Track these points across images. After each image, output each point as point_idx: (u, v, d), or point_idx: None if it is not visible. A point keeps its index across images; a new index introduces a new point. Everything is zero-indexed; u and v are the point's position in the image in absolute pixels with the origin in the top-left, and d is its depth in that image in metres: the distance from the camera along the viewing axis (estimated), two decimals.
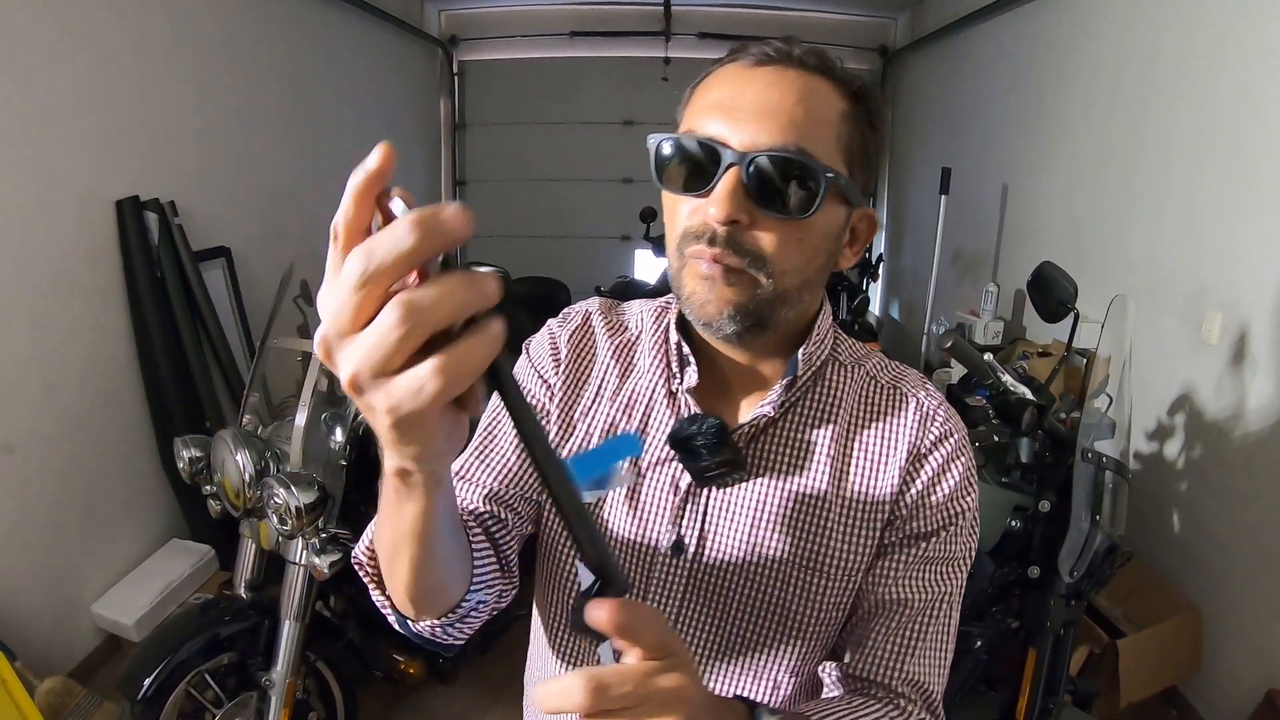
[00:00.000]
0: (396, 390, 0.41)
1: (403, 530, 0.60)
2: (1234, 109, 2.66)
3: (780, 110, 0.77)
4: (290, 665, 2.08)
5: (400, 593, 0.72)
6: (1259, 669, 2.50)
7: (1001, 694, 2.21)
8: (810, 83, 0.80)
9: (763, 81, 0.79)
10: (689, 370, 0.90)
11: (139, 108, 2.99)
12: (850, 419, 0.91)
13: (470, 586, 0.78)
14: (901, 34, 6.59)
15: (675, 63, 6.60)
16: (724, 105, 0.78)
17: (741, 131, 0.76)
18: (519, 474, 0.92)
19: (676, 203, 0.82)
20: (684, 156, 0.80)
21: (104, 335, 2.89)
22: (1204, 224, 2.81)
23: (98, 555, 2.90)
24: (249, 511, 2.08)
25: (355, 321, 0.40)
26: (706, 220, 0.77)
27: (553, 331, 0.99)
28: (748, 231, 0.77)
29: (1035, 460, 2.15)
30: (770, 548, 0.88)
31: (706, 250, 0.78)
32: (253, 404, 2.30)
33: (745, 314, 0.80)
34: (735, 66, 0.82)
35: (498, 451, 0.92)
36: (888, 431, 0.91)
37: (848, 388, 0.93)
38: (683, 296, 0.83)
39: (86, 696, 2.47)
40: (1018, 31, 4.38)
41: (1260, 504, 2.53)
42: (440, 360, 0.40)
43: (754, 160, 0.75)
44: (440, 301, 0.39)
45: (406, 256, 0.38)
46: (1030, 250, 3.95)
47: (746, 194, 0.76)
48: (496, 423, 0.94)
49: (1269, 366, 2.51)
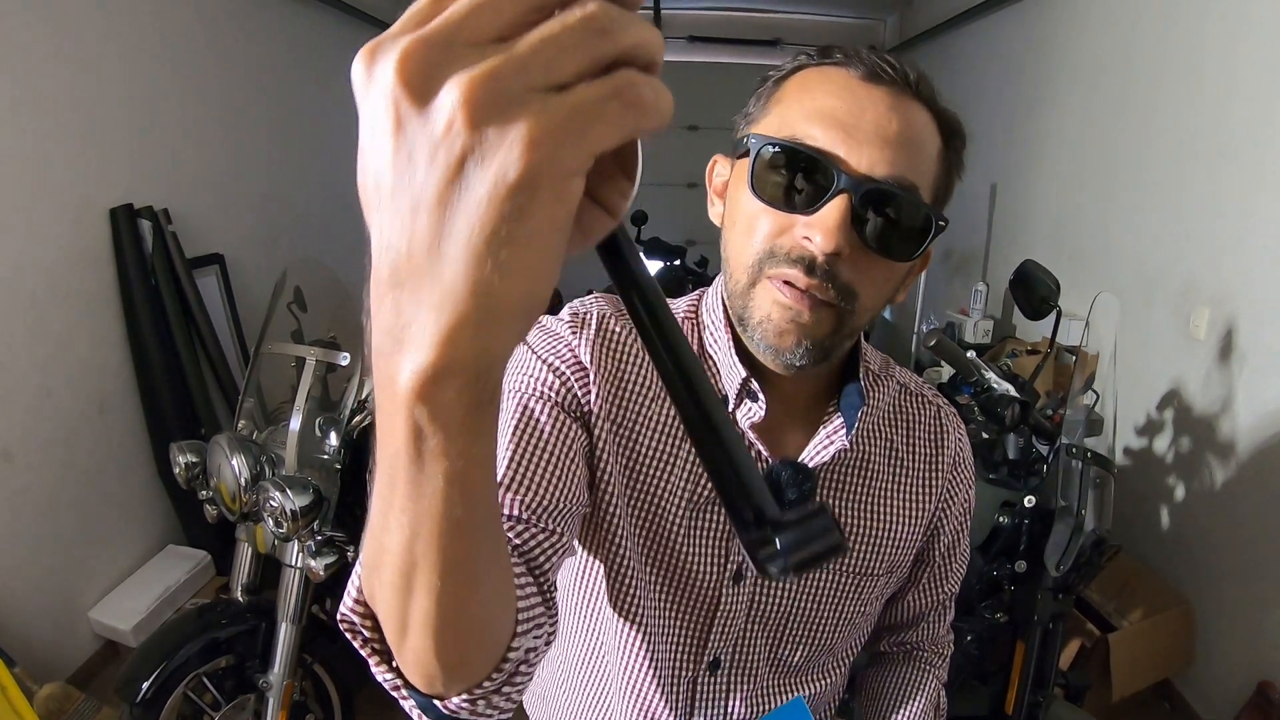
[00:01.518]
0: (580, 92, 0.27)
1: (426, 518, 0.38)
2: (1220, 107, 2.68)
3: (901, 139, 0.71)
4: (287, 668, 2.09)
5: (422, 648, 0.48)
6: (1250, 661, 2.52)
7: (992, 687, 2.22)
8: (923, 115, 0.75)
9: (884, 103, 0.71)
10: (754, 406, 0.82)
11: (132, 115, 3.01)
12: (895, 433, 0.92)
13: (517, 628, 0.56)
14: (890, 35, 6.60)
15: (665, 65, 6.60)
16: (839, 118, 0.71)
17: (859, 154, 0.69)
18: (565, 480, 0.76)
19: (760, 214, 0.73)
20: (789, 166, 0.71)
21: (99, 342, 2.91)
22: (1192, 220, 2.83)
23: (95, 561, 2.91)
24: (245, 515, 2.10)
25: (496, 27, 0.27)
26: (803, 245, 0.70)
27: (565, 339, 0.84)
28: (844, 264, 0.71)
29: (1022, 456, 2.17)
30: (830, 567, 0.88)
31: (802, 278, 0.71)
32: (248, 409, 2.31)
33: (821, 347, 0.75)
34: (845, 75, 0.73)
35: (539, 456, 0.76)
36: (929, 440, 0.94)
37: (886, 401, 0.93)
38: (751, 320, 0.76)
39: (85, 702, 2.47)
40: (1005, 32, 4.40)
41: (1250, 497, 2.55)
42: (624, 77, 0.28)
43: (870, 189, 0.69)
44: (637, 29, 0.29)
45: (644, 42, 0.29)
46: (1019, 249, 3.97)
47: (853, 224, 0.69)
48: (532, 427, 0.78)
49: (1256, 361, 2.53)
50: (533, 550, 0.70)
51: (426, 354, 0.30)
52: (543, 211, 0.28)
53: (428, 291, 0.29)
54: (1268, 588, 2.47)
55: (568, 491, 0.75)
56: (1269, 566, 2.47)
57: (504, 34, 0.27)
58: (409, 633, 0.47)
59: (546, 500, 0.73)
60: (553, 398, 0.80)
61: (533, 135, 0.26)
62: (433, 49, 0.27)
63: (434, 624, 0.45)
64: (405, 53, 0.27)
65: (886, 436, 0.91)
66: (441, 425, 0.33)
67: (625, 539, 0.84)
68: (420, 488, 0.36)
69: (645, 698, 0.90)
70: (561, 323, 0.86)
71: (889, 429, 0.92)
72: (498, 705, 0.56)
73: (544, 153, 0.27)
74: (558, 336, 0.84)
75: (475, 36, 0.27)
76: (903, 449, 0.92)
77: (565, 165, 0.28)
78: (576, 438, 0.79)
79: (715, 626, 0.87)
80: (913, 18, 6.00)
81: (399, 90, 0.27)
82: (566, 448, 0.77)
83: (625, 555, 0.84)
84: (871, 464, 0.90)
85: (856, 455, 0.89)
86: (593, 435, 0.82)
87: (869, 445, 0.90)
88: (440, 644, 0.47)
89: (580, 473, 0.78)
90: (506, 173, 0.27)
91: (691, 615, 0.87)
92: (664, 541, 0.84)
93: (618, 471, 0.83)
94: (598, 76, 0.28)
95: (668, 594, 0.87)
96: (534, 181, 0.27)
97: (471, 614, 0.47)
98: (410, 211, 0.28)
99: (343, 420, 2.15)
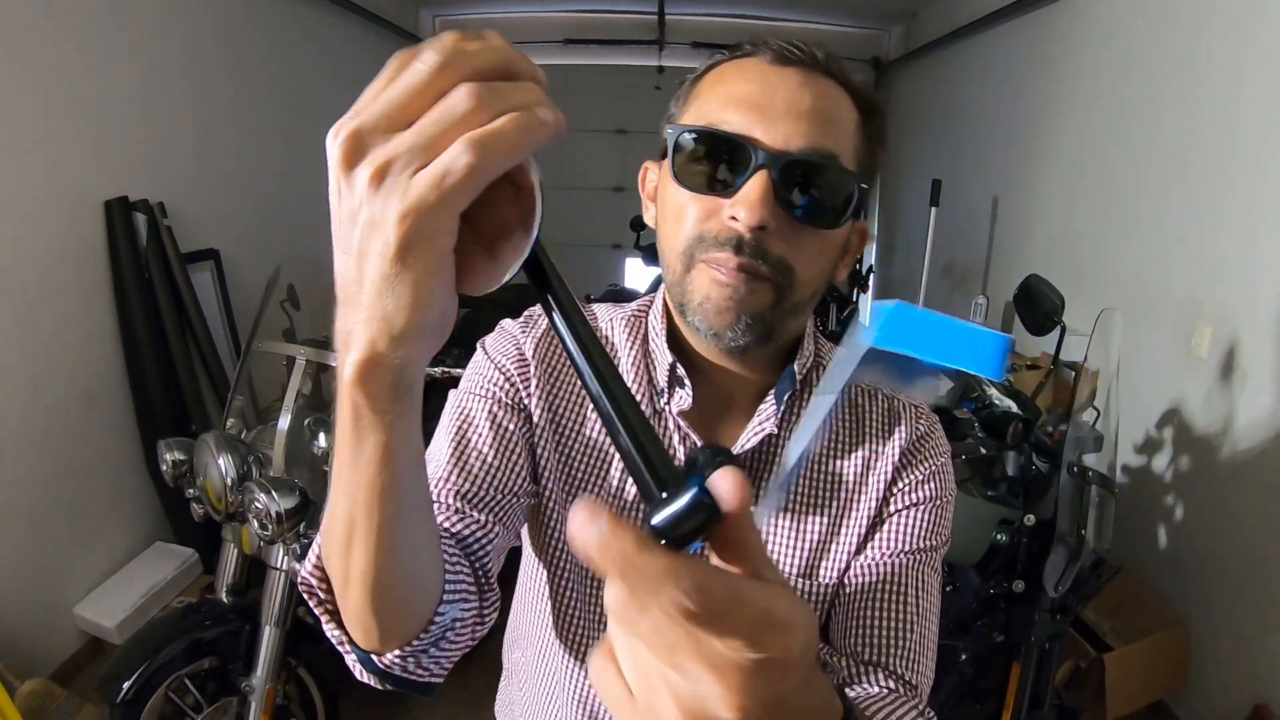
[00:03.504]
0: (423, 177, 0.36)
1: (363, 482, 0.49)
2: (1226, 125, 2.67)
3: (814, 113, 0.73)
4: (270, 671, 2.07)
5: (360, 602, 0.58)
6: (1246, 683, 2.50)
7: (987, 707, 2.20)
8: (836, 90, 0.77)
9: (794, 81, 0.74)
10: (682, 392, 0.84)
11: (130, 108, 2.99)
12: (839, 423, 0.91)
13: (444, 597, 0.66)
14: (895, 46, 6.63)
15: (669, 72, 6.64)
16: (752, 100, 0.73)
17: (774, 131, 0.71)
18: (501, 472, 0.82)
19: (687, 203, 0.75)
20: (708, 152, 0.74)
21: (90, 336, 2.88)
22: (1195, 238, 2.81)
23: (81, 557, 2.88)
24: (231, 516, 2.07)
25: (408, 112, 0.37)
26: (729, 225, 0.72)
27: (515, 337, 0.90)
28: (773, 238, 0.72)
29: (1021, 474, 2.14)
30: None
31: (732, 258, 0.72)
32: (237, 407, 2.29)
33: (762, 325, 0.76)
34: (756, 62, 0.76)
35: (474, 452, 0.83)
36: (876, 436, 0.90)
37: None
38: (691, 304, 0.77)
39: (67, 699, 2.45)
40: (1010, 46, 4.40)
41: (1248, 518, 2.52)
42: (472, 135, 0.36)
43: (789, 162, 0.71)
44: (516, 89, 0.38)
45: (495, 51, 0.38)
46: (1020, 263, 3.96)
47: (776, 198, 0.71)
48: (468, 423, 0.85)
49: (1259, 380, 2.51)
50: (466, 537, 0.78)
51: (360, 353, 0.41)
52: (419, 263, 0.38)
53: (357, 311, 0.40)
54: (1266, 610, 2.45)
55: (501, 484, 0.82)
56: (1267, 589, 2.45)
57: (409, 121, 0.37)
58: (350, 586, 0.57)
59: (480, 491, 0.80)
60: (496, 394, 0.86)
61: (403, 212, 0.36)
62: (357, 136, 0.37)
63: (369, 580, 0.55)
64: (342, 136, 0.37)
65: (830, 427, 0.90)
66: (372, 406, 0.44)
67: (562, 540, 0.87)
68: (358, 458, 0.48)
69: (588, 694, 0.91)
70: (517, 323, 0.92)
71: (834, 420, 0.90)
72: (427, 666, 0.68)
73: (411, 224, 0.36)
74: (510, 336, 0.91)
75: (388, 125, 0.37)
76: (847, 439, 0.90)
77: (432, 230, 0.37)
78: (517, 431, 0.85)
79: None
80: (917, 30, 6.02)
81: (336, 164, 0.38)
82: (501, 443, 0.84)
83: (563, 550, 0.88)
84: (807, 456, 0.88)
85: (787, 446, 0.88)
86: (534, 426, 0.87)
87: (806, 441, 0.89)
88: (374, 600, 0.57)
89: (519, 467, 0.84)
90: (388, 238, 0.37)
91: None
92: None
93: (555, 464, 0.88)
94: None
95: (597, 585, 0.87)
96: (409, 244, 0.37)
97: (401, 572, 0.57)
98: (343, 254, 0.40)
99: (333, 421, 2.12)
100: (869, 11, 6.34)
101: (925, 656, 0.87)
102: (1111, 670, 2.58)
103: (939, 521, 0.90)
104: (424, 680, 0.69)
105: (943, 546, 0.91)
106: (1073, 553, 1.93)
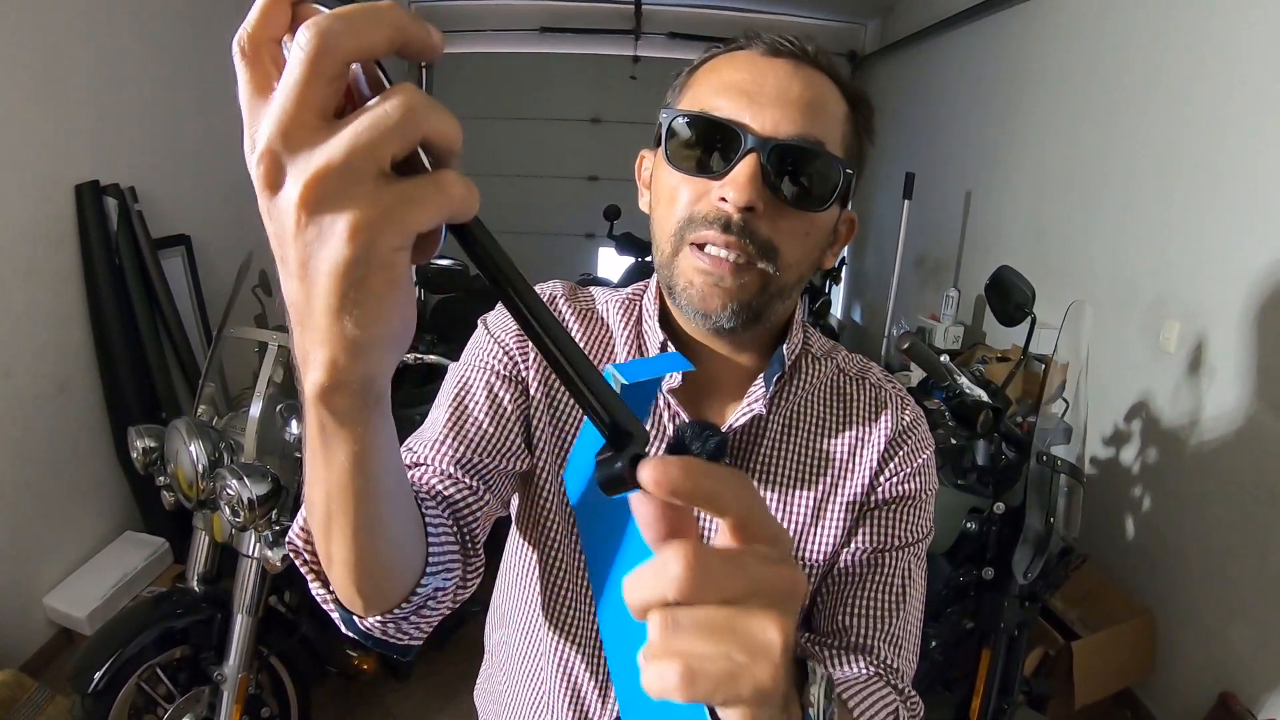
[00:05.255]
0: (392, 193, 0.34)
1: (335, 485, 0.49)
2: (1197, 122, 2.70)
3: (802, 101, 0.76)
4: (243, 660, 2.05)
5: (342, 578, 0.60)
6: (1213, 671, 2.54)
7: (957, 694, 2.22)
8: (825, 81, 0.81)
9: (783, 70, 0.78)
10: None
11: (101, 90, 2.94)
12: (825, 410, 0.93)
13: (427, 569, 0.67)
14: (871, 39, 6.65)
15: (644, 62, 6.63)
16: (743, 88, 0.76)
17: (763, 117, 0.75)
18: (496, 440, 0.85)
19: (679, 185, 0.79)
20: (700, 136, 0.77)
21: (60, 321, 2.84)
22: (1165, 234, 2.85)
23: (51, 547, 2.84)
24: (202, 503, 2.05)
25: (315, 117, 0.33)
26: (719, 206, 0.75)
27: None
28: (761, 220, 0.75)
29: (991, 463, 2.17)
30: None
31: (720, 236, 0.75)
32: (208, 394, 2.27)
33: (749, 308, 0.79)
34: (747, 54, 0.80)
35: (471, 420, 0.85)
36: (862, 421, 0.92)
37: (822, 379, 0.94)
38: (678, 286, 0.80)
39: (38, 690, 2.42)
40: (985, 41, 4.43)
41: (1214, 509, 2.57)
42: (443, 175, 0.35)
43: (777, 146, 0.74)
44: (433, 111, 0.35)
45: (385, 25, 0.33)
46: (992, 256, 4.00)
47: (764, 181, 0.74)
48: (466, 392, 0.87)
49: (1225, 375, 2.55)
50: (458, 502, 0.79)
51: (319, 375, 0.39)
52: (378, 278, 0.35)
53: (312, 334, 0.37)
54: (1231, 599, 2.49)
55: (495, 452, 0.84)
56: (1232, 578, 2.49)
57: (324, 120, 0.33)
58: (332, 566, 0.59)
59: (475, 458, 0.83)
60: (495, 367, 0.88)
61: (356, 224, 0.33)
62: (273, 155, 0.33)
63: (349, 563, 0.57)
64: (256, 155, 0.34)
65: (817, 412, 0.92)
66: (337, 422, 0.44)
67: (554, 510, 0.90)
68: (329, 462, 0.47)
69: (570, 665, 0.92)
70: None
71: (821, 406, 0.93)
72: (406, 631, 0.69)
73: (367, 237, 0.33)
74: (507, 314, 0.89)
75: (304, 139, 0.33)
76: (833, 423, 0.92)
77: (389, 244, 0.34)
78: (513, 403, 0.87)
79: None
80: (894, 24, 6.04)
81: (260, 185, 0.34)
82: (497, 413, 0.86)
83: (554, 524, 0.91)
84: (794, 439, 0.90)
85: (781, 424, 0.90)
86: (530, 400, 0.89)
87: (799, 416, 0.91)
88: (355, 579, 0.59)
89: (514, 436, 0.86)
90: (338, 255, 0.34)
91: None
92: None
93: (550, 438, 0.89)
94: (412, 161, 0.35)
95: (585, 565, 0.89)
96: (364, 259, 0.34)
97: (379, 559, 0.58)
98: (286, 278, 0.37)
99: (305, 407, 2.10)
100: (846, 5, 6.35)
101: (909, 642, 0.90)
102: (1079, 658, 2.61)
103: (923, 515, 0.93)
104: (403, 643, 0.71)
105: (926, 538, 0.94)
106: (1041, 541, 1.96)
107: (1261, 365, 2.41)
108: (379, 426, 0.46)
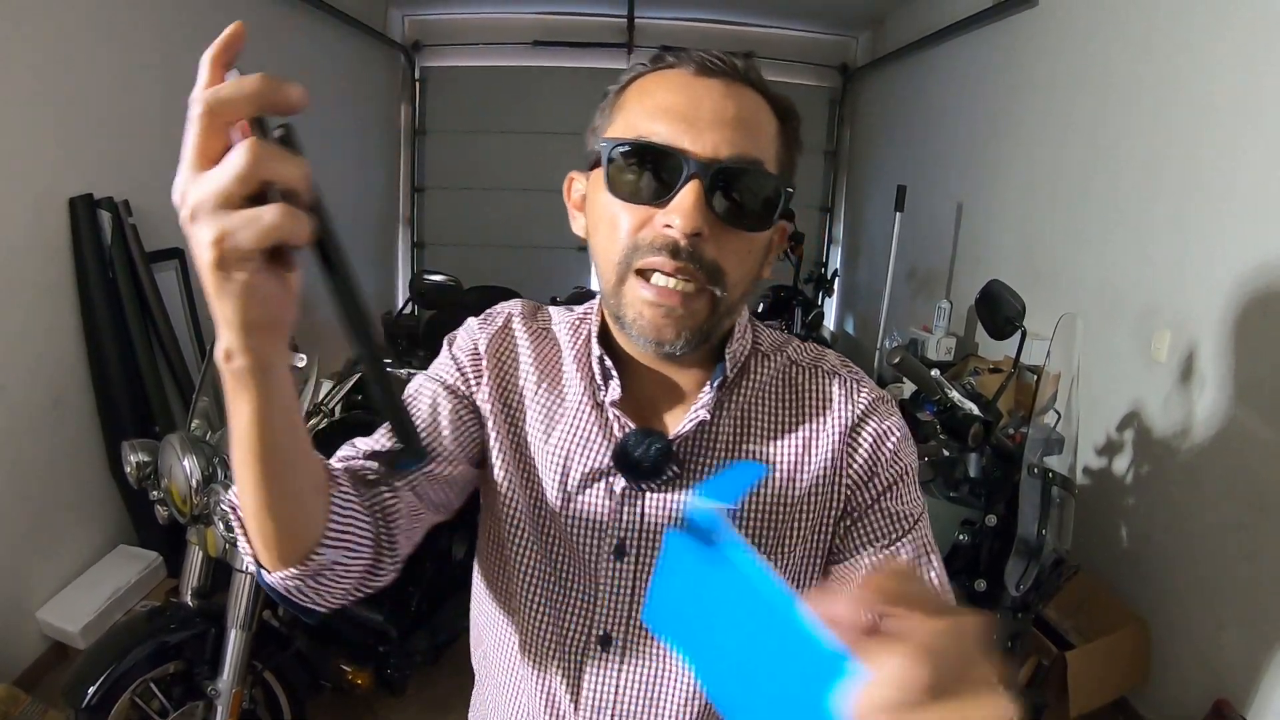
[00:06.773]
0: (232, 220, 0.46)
1: (240, 437, 0.59)
2: (1185, 134, 2.72)
3: (738, 122, 0.77)
4: (237, 674, 2.05)
5: (252, 529, 0.67)
6: (1206, 679, 2.55)
7: None
8: (756, 98, 0.81)
9: (717, 90, 0.78)
10: (612, 384, 0.89)
11: (95, 105, 2.94)
12: (777, 404, 0.93)
13: (324, 539, 0.70)
14: (862, 52, 6.67)
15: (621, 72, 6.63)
16: (679, 111, 0.77)
17: (703, 140, 0.75)
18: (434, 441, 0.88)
19: (620, 212, 0.79)
20: (640, 163, 0.77)
21: (54, 335, 2.84)
22: (1155, 244, 2.87)
23: (44, 560, 2.83)
24: (196, 518, 2.04)
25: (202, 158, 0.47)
26: (664, 233, 0.76)
27: (473, 334, 0.97)
28: (707, 243, 0.76)
29: (983, 475, 2.17)
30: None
31: (669, 263, 0.76)
32: (202, 408, 2.26)
33: (700, 333, 0.80)
34: (679, 73, 0.81)
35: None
36: (816, 409, 0.92)
37: (772, 375, 0.94)
38: (627, 317, 0.81)
39: (31, 704, 2.41)
40: (975, 54, 4.45)
41: (1206, 517, 2.58)
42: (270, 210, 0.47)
43: (718, 170, 0.75)
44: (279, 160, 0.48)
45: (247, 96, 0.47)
46: (983, 268, 4.01)
47: (708, 205, 0.75)
48: (411, 398, 0.92)
49: (1216, 384, 2.56)
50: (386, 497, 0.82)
51: (223, 342, 0.52)
52: (237, 277, 0.48)
53: (216, 310, 0.50)
54: (1224, 608, 2.50)
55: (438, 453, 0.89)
56: (1225, 587, 2.50)
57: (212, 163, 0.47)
58: (246, 515, 0.67)
59: None
60: (445, 380, 0.93)
61: (209, 239, 0.47)
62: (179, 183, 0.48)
63: (252, 512, 0.65)
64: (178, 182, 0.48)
65: (769, 408, 0.92)
66: (238, 380, 0.55)
67: (522, 521, 0.92)
68: (236, 416, 0.58)
69: (545, 674, 0.93)
70: (477, 321, 0.99)
71: (773, 401, 0.93)
72: (305, 594, 0.74)
73: (219, 248, 0.47)
74: (469, 332, 0.98)
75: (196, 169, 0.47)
76: (786, 417, 0.92)
77: (236, 254, 0.47)
78: (452, 414, 0.91)
79: (600, 602, 0.89)
80: (884, 37, 6.07)
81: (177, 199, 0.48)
82: (434, 420, 0.90)
83: (523, 539, 0.92)
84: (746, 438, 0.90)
85: (732, 426, 0.90)
86: (482, 415, 0.93)
87: (751, 414, 0.91)
88: (259, 527, 0.66)
89: (441, 443, 0.89)
90: (205, 257, 0.47)
91: (578, 591, 0.91)
92: (549, 520, 0.91)
93: (509, 449, 0.92)
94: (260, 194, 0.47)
95: (555, 570, 0.92)
96: (222, 261, 0.47)
97: (277, 511, 0.65)
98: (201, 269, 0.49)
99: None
100: (837, 18, 6.36)
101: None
102: (1074, 668, 2.62)
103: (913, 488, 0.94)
104: (306, 605, 0.76)
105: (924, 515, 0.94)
106: (1033, 552, 1.96)
107: (1252, 373, 2.43)
108: (274, 392, 0.57)
